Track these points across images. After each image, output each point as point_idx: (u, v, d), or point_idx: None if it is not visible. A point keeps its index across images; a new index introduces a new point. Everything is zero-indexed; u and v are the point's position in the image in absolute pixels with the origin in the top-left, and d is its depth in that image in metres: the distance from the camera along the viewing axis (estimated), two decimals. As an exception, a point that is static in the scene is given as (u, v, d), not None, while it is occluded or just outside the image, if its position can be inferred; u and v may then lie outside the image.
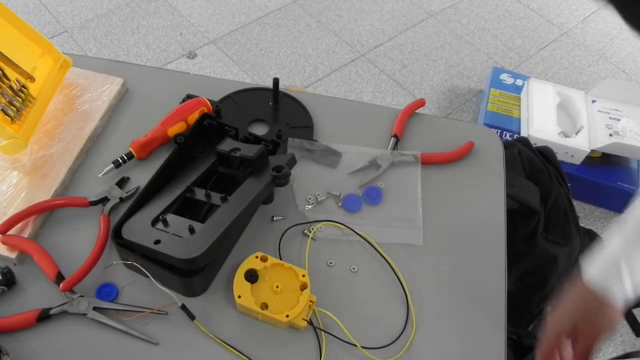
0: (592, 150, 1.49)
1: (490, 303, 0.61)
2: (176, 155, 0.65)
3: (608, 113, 1.53)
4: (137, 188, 0.66)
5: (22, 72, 0.67)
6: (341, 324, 0.57)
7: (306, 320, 0.55)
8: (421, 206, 0.67)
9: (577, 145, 1.49)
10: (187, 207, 0.61)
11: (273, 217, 0.65)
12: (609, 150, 1.48)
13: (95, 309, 0.56)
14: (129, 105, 0.75)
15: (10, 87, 0.64)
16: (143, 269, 0.57)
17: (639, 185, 1.52)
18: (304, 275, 0.57)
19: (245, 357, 0.55)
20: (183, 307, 0.56)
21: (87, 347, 0.55)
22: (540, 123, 1.54)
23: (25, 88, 0.66)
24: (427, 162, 0.71)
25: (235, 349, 0.55)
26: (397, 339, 0.57)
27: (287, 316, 0.54)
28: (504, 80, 1.75)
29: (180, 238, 0.54)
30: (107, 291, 0.58)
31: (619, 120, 1.50)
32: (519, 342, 1.23)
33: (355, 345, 0.56)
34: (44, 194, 0.64)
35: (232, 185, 0.60)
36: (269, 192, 0.64)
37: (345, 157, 0.71)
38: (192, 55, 1.94)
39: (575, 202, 1.16)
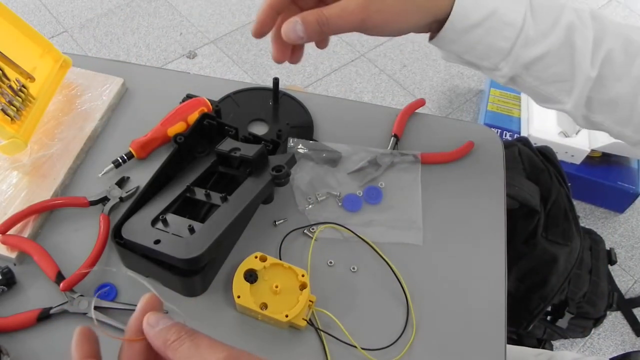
0: (592, 150, 1.49)
1: (490, 303, 0.61)
2: (176, 155, 0.65)
3: (608, 113, 1.53)
4: (137, 188, 0.66)
5: (22, 72, 0.67)
6: (341, 324, 0.57)
7: (306, 320, 0.56)
8: (421, 206, 0.67)
9: (577, 145, 1.49)
10: (187, 207, 0.61)
11: (275, 221, 0.65)
12: (609, 150, 1.48)
13: (95, 308, 0.56)
14: (129, 105, 0.75)
15: (10, 87, 0.64)
16: (142, 269, 0.57)
17: (639, 185, 1.52)
18: (303, 275, 0.57)
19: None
20: None
21: (87, 347, 0.55)
22: (540, 123, 1.54)
23: (25, 88, 0.66)
24: (427, 161, 0.71)
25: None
26: (397, 339, 0.57)
27: (287, 316, 0.54)
28: (504, 80, 1.75)
29: (180, 238, 0.54)
30: (106, 291, 0.58)
31: (619, 120, 1.50)
32: (519, 342, 1.23)
33: (355, 347, 0.56)
34: (44, 194, 0.64)
35: (232, 185, 0.60)
36: (268, 192, 0.64)
37: (345, 157, 0.71)
38: (192, 55, 1.94)
39: (575, 202, 1.16)
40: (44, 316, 0.55)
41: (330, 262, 0.62)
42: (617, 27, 0.53)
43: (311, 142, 0.72)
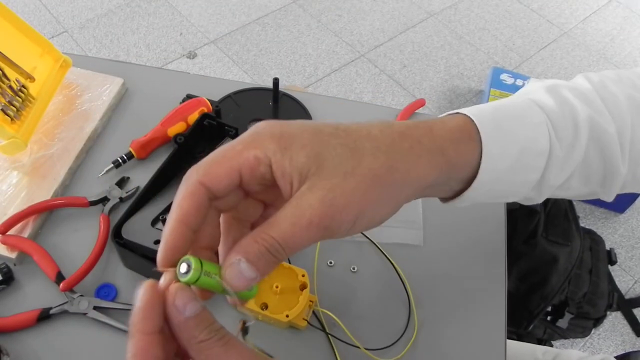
0: (592, 150, 1.49)
1: (490, 303, 0.61)
2: (176, 155, 0.65)
3: (608, 113, 1.53)
4: (137, 188, 0.66)
5: (22, 72, 0.67)
6: (341, 323, 0.57)
7: (306, 320, 0.56)
8: (421, 206, 0.67)
9: (577, 145, 1.49)
10: (187, 207, 0.61)
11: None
12: (609, 150, 1.48)
13: (95, 308, 0.56)
14: (129, 105, 0.75)
15: (10, 87, 0.64)
16: (142, 269, 0.57)
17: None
18: (303, 275, 0.57)
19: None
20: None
21: (87, 346, 0.55)
22: (541, 123, 1.53)
23: (25, 88, 0.66)
24: (427, 162, 0.71)
25: (235, 348, 0.55)
26: (399, 339, 0.57)
27: (287, 316, 0.54)
28: (504, 81, 1.75)
29: (180, 238, 0.54)
30: (105, 291, 0.58)
31: (619, 120, 1.50)
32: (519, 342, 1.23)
33: (358, 347, 0.56)
34: (44, 194, 0.64)
35: (232, 185, 0.60)
36: (269, 192, 0.64)
37: (345, 157, 0.71)
38: (192, 55, 1.94)
39: (575, 202, 1.16)
40: (44, 316, 0.55)
41: (331, 262, 0.62)
42: (625, 96, 0.46)
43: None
